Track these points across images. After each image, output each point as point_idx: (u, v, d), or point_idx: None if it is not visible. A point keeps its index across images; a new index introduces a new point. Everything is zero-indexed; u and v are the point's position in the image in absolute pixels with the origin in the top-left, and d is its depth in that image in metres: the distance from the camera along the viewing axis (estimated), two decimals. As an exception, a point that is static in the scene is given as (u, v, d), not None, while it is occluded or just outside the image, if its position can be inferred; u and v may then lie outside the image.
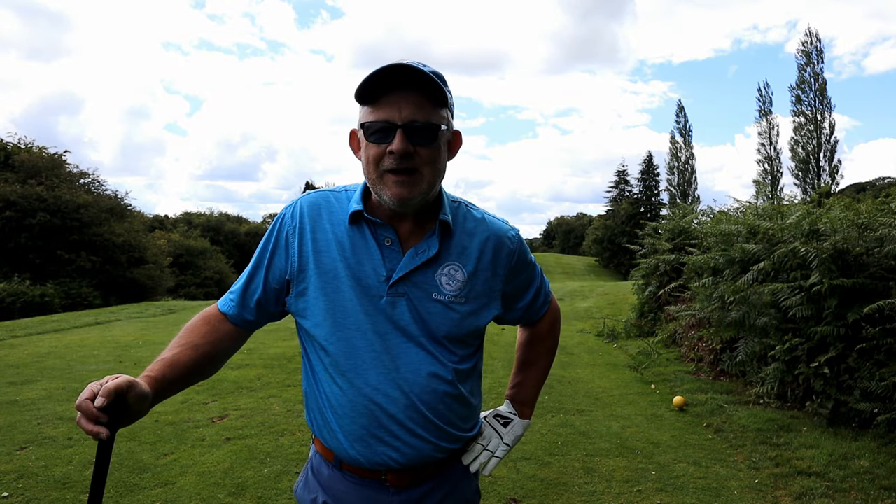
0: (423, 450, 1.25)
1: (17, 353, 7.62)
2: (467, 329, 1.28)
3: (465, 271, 1.27)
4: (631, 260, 11.22)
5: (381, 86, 1.17)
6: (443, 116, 1.21)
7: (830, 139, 37.69)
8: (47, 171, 21.13)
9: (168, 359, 1.21)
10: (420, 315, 1.24)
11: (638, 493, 3.39)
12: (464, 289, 1.27)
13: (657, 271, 8.90)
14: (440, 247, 1.25)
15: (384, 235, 1.25)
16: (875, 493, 3.29)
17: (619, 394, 5.67)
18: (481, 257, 1.29)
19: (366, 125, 1.19)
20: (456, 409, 1.29)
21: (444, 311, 1.25)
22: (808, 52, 39.11)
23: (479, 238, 1.31)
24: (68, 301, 17.87)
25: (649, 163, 60.54)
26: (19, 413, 4.85)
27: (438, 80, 1.18)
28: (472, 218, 1.33)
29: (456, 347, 1.28)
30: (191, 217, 46.91)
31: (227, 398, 5.35)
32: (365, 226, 1.26)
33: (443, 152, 1.24)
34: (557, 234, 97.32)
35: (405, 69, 1.15)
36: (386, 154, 1.17)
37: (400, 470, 1.26)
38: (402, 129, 1.16)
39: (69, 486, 3.40)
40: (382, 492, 1.27)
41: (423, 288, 1.24)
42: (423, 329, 1.24)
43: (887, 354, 4.03)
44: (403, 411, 1.23)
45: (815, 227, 4.98)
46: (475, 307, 1.29)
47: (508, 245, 1.33)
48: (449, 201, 1.31)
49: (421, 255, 1.24)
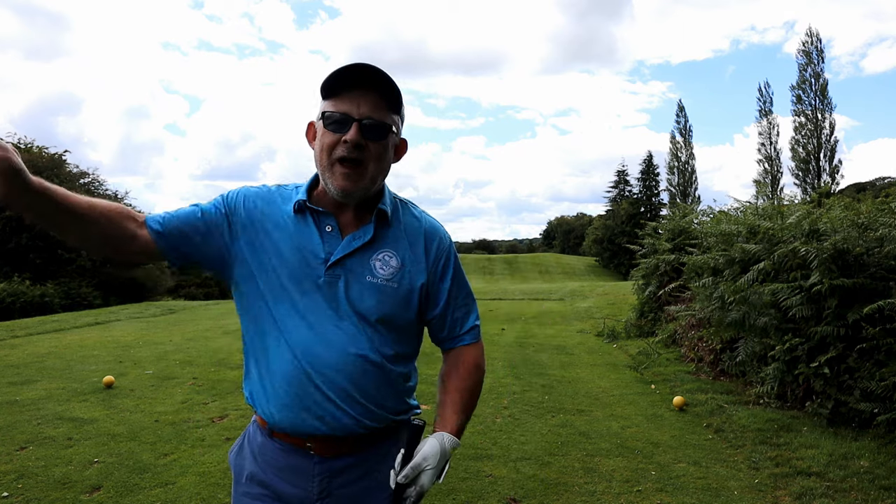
0: (346, 423, 1.33)
1: (17, 353, 7.62)
2: (399, 312, 1.37)
3: (399, 258, 1.38)
4: (631, 260, 11.21)
5: (345, 82, 1.29)
6: (394, 120, 1.34)
7: (831, 139, 37.70)
8: (48, 171, 21.10)
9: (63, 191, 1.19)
10: (354, 296, 1.33)
11: (638, 493, 3.39)
12: (396, 274, 1.37)
13: (657, 271, 8.90)
14: (375, 234, 1.36)
15: (325, 223, 1.36)
16: (875, 493, 3.29)
17: (619, 394, 5.67)
18: (413, 247, 1.41)
19: (326, 114, 1.31)
20: (383, 389, 1.37)
21: (376, 293, 1.34)
22: (809, 51, 39.10)
23: (413, 230, 1.43)
24: (68, 301, 17.86)
25: (649, 163, 60.56)
26: (19, 413, 4.85)
27: (396, 89, 1.30)
28: (411, 213, 1.46)
29: (388, 329, 1.37)
30: (191, 217, 46.91)
31: (227, 398, 5.35)
32: (308, 215, 1.37)
33: (389, 152, 1.36)
34: (557, 234, 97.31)
35: (370, 70, 1.27)
36: (340, 143, 1.29)
37: (323, 439, 1.34)
38: (357, 122, 1.28)
39: (69, 486, 3.40)
40: (307, 458, 1.36)
41: (359, 271, 1.34)
42: (356, 309, 1.33)
43: (887, 354, 4.03)
44: (330, 384, 1.31)
45: (816, 227, 4.98)
46: (407, 291, 1.38)
47: (440, 240, 1.45)
48: (391, 197, 1.43)
49: (357, 240, 1.35)
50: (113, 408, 5.03)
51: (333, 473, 1.36)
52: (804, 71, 38.87)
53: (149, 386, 5.83)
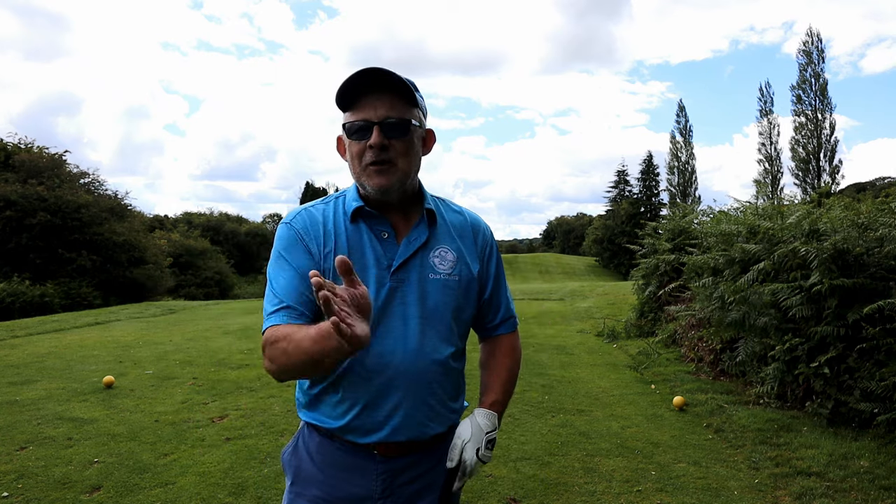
0: (414, 426, 1.35)
1: (17, 353, 7.62)
2: (464, 302, 1.42)
3: (454, 252, 1.42)
4: (631, 260, 11.20)
5: (358, 90, 1.31)
6: (415, 114, 1.35)
7: (831, 139, 37.69)
8: (48, 171, 21.13)
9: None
10: (422, 295, 1.36)
11: (638, 493, 3.39)
12: (455, 267, 1.41)
13: (657, 271, 8.89)
14: (429, 233, 1.40)
15: (380, 229, 1.38)
16: (875, 493, 3.28)
17: (619, 394, 5.67)
18: (463, 239, 1.46)
19: (347, 126, 1.34)
20: (448, 389, 1.40)
21: (442, 288, 1.38)
22: (809, 51, 39.09)
23: (459, 224, 1.48)
24: (68, 301, 17.86)
25: (649, 163, 60.55)
26: (19, 413, 4.86)
27: (409, 83, 1.32)
28: (452, 209, 1.51)
29: (457, 326, 1.40)
30: (191, 217, 46.93)
31: (227, 398, 5.35)
32: (362, 223, 1.38)
33: (417, 146, 1.37)
34: (557, 234, 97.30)
35: (378, 73, 1.28)
36: (366, 149, 1.31)
37: (389, 444, 1.35)
38: (378, 125, 1.30)
39: (69, 486, 3.40)
40: (369, 458, 1.36)
41: (421, 271, 1.37)
42: (425, 308, 1.35)
43: (887, 354, 4.03)
44: (401, 387, 1.32)
45: (816, 227, 4.98)
46: (467, 281, 1.43)
47: (484, 231, 1.51)
48: (430, 196, 1.47)
49: (413, 242, 1.38)
50: (113, 408, 5.03)
51: (396, 472, 1.37)
52: (804, 71, 38.87)
53: (149, 386, 5.83)
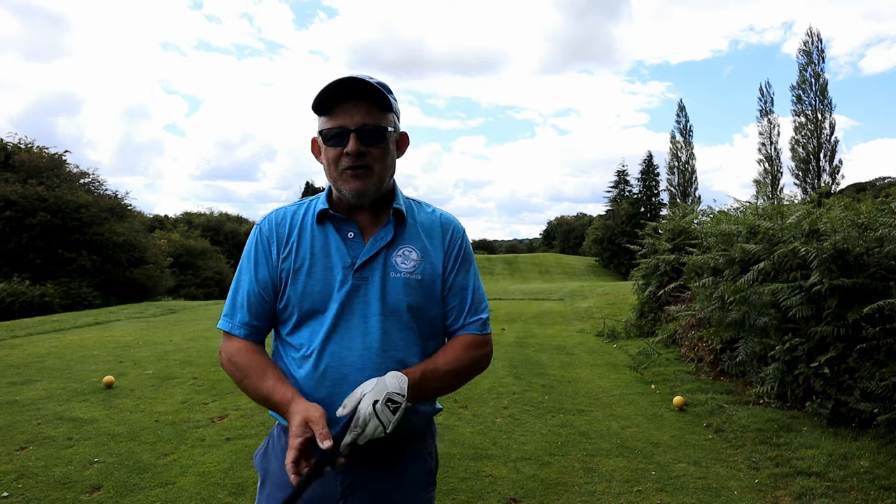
0: None
1: (17, 353, 7.62)
2: (426, 301, 1.42)
3: (418, 251, 1.43)
4: (631, 260, 11.21)
5: (334, 97, 1.34)
6: (389, 120, 1.39)
7: (831, 139, 37.68)
8: (48, 171, 21.12)
9: (278, 379, 1.34)
10: (383, 294, 1.38)
11: (638, 493, 3.39)
12: (418, 266, 1.42)
13: (657, 271, 8.90)
14: (395, 232, 1.42)
15: (346, 230, 1.42)
16: (875, 493, 3.28)
17: (619, 394, 5.67)
18: (431, 239, 1.47)
19: (323, 132, 1.37)
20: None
21: (403, 286, 1.39)
22: (809, 51, 39.08)
23: (429, 223, 1.49)
24: (68, 301, 17.85)
25: (649, 163, 60.53)
26: (19, 413, 4.86)
27: (383, 90, 1.35)
28: (424, 210, 1.53)
29: (417, 326, 1.40)
30: (191, 217, 46.88)
31: (227, 398, 5.35)
32: (329, 224, 1.43)
33: (392, 151, 1.42)
34: (557, 234, 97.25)
35: (354, 82, 1.32)
36: (343, 155, 1.35)
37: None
38: (354, 132, 1.34)
39: (69, 486, 3.40)
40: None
41: (383, 269, 1.39)
42: (384, 306, 1.37)
43: (887, 354, 4.03)
44: (358, 383, 1.30)
45: (815, 227, 4.98)
46: (430, 280, 1.43)
47: (454, 230, 1.51)
48: (403, 197, 1.49)
49: (379, 241, 1.41)
50: (113, 408, 5.03)
51: (357, 472, 1.37)
52: (804, 71, 38.87)
53: (149, 386, 5.83)
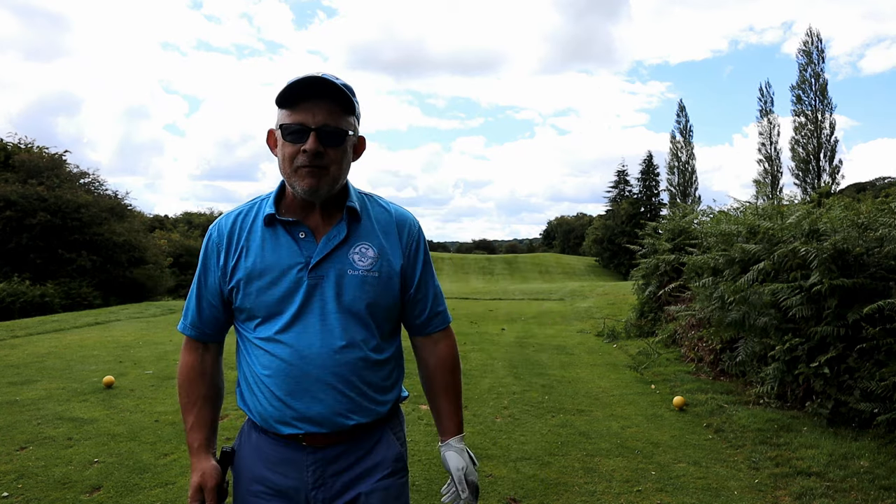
0: (334, 418, 1.38)
1: (17, 353, 7.62)
2: (383, 298, 1.43)
3: (375, 249, 1.43)
4: (631, 260, 11.21)
5: (300, 93, 1.34)
6: (350, 123, 1.39)
7: (831, 139, 37.67)
8: (48, 171, 21.11)
9: (197, 421, 1.49)
10: (339, 291, 1.39)
11: (638, 493, 3.39)
12: (376, 263, 1.42)
13: (657, 271, 8.90)
14: (349, 230, 1.42)
15: (297, 231, 1.41)
16: (875, 493, 3.28)
17: (619, 394, 5.67)
18: (387, 235, 1.47)
19: (283, 126, 1.36)
20: (371, 381, 1.42)
21: (360, 284, 1.40)
22: (809, 51, 39.08)
23: (384, 220, 1.49)
24: (68, 301, 17.85)
25: (649, 163, 60.53)
26: (19, 413, 4.85)
27: (348, 92, 1.35)
28: (379, 205, 1.52)
29: (374, 320, 1.42)
30: (191, 217, 46.89)
31: (228, 398, 5.30)
32: (279, 226, 1.42)
33: (349, 154, 1.42)
34: (557, 234, 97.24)
35: (320, 81, 1.32)
36: (300, 153, 1.34)
37: (313, 434, 1.39)
38: (315, 131, 1.33)
39: (69, 486, 3.40)
40: (300, 450, 1.41)
41: (339, 267, 1.40)
42: (341, 304, 1.39)
43: (887, 354, 4.03)
44: (316, 380, 1.36)
45: (815, 227, 4.98)
46: (387, 277, 1.44)
47: (410, 226, 1.51)
48: (356, 193, 1.49)
49: (333, 239, 1.41)
50: (113, 408, 5.03)
51: (326, 462, 1.41)
52: (804, 71, 38.87)
53: (149, 386, 5.83)
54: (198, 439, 1.46)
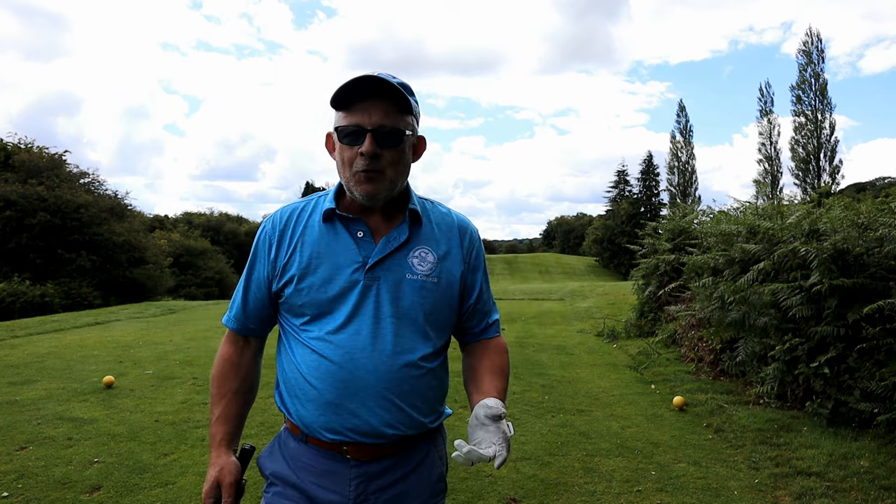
0: (383, 429, 1.32)
1: (17, 353, 7.62)
2: (442, 306, 1.39)
3: (435, 254, 1.39)
4: (631, 260, 11.21)
5: (354, 94, 1.30)
6: (408, 123, 1.34)
7: (831, 139, 37.67)
8: (48, 171, 21.12)
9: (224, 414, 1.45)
10: (396, 296, 1.34)
11: (638, 493, 3.39)
12: (435, 269, 1.38)
13: (657, 271, 8.89)
14: (410, 233, 1.38)
15: (356, 229, 1.37)
16: (875, 493, 3.28)
17: (619, 394, 5.67)
18: (449, 240, 1.43)
19: (339, 129, 1.33)
20: (421, 392, 1.36)
21: (418, 290, 1.35)
22: (809, 52, 39.08)
23: (445, 225, 1.45)
24: (68, 301, 17.86)
25: (649, 163, 60.58)
26: (19, 413, 4.85)
27: (405, 91, 1.31)
28: (439, 211, 1.48)
29: (431, 329, 1.37)
30: (191, 217, 46.89)
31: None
32: (338, 222, 1.38)
33: (407, 155, 1.37)
34: (557, 234, 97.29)
35: (376, 80, 1.28)
36: (357, 156, 1.31)
37: (359, 445, 1.33)
38: (371, 133, 1.29)
39: (69, 486, 3.40)
40: (342, 462, 1.35)
41: (397, 270, 1.35)
42: (397, 309, 1.33)
43: (887, 354, 4.03)
44: (368, 389, 1.30)
45: (815, 227, 4.97)
46: (447, 284, 1.39)
47: (471, 233, 1.48)
48: (417, 197, 1.45)
49: (393, 241, 1.36)
50: (113, 408, 5.03)
51: (370, 477, 1.35)
52: (804, 71, 38.86)
53: (149, 386, 5.83)
54: (220, 432, 1.42)
